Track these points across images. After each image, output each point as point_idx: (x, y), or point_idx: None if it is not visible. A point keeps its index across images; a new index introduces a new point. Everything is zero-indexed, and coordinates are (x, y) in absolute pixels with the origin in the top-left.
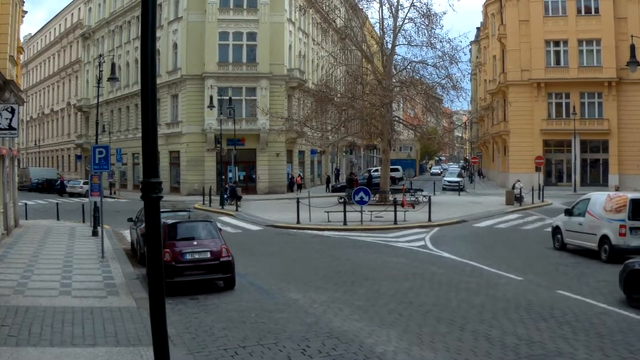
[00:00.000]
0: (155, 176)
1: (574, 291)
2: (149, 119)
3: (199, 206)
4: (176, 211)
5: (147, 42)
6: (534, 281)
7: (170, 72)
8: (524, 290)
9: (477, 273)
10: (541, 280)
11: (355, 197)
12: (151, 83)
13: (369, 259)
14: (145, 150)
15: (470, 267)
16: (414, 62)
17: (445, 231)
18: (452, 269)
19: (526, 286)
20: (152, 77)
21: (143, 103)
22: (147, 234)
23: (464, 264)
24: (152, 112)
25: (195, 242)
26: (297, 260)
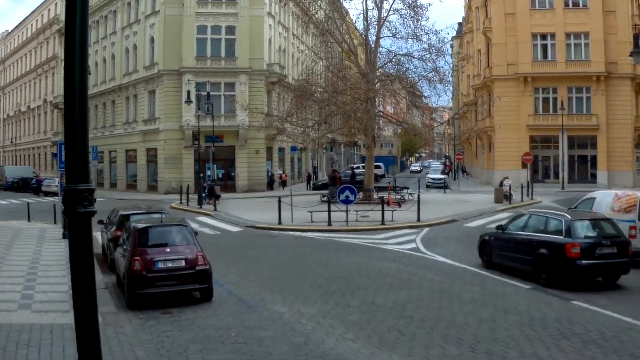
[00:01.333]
0: (83, 181)
1: (590, 302)
2: (75, 92)
3: (176, 205)
4: (150, 213)
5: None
6: (542, 289)
7: (148, 67)
8: (536, 301)
9: (479, 280)
10: (550, 288)
11: (341, 195)
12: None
13: (359, 264)
14: (69, 144)
15: (470, 272)
16: (399, 55)
17: (436, 232)
18: (450, 275)
19: (536, 296)
20: (82, 49)
21: (66, 66)
22: (72, 263)
23: (463, 270)
24: (80, 84)
25: (168, 248)
26: (281, 266)
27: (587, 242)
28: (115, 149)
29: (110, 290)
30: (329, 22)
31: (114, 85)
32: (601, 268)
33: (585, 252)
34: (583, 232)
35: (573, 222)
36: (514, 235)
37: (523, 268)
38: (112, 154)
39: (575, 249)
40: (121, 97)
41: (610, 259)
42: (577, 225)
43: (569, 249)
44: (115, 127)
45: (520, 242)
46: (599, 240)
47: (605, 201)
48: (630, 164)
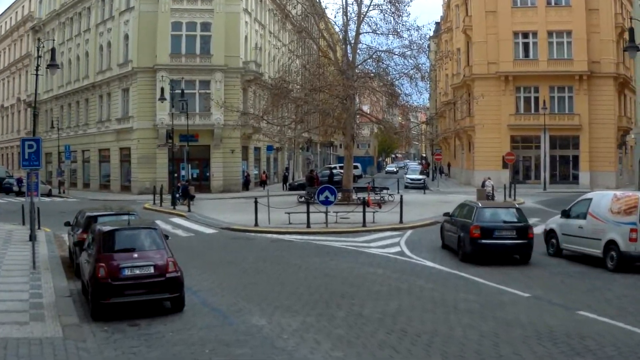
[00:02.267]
0: None
1: (597, 312)
2: None
3: (149, 206)
4: (119, 214)
5: None
6: (543, 298)
7: (122, 65)
8: (538, 312)
9: (474, 288)
10: (551, 296)
11: (320, 196)
12: None
13: (342, 270)
14: None
15: (463, 279)
16: (379, 51)
17: (420, 234)
18: (442, 282)
19: (537, 305)
20: None
21: None
22: None
23: (454, 276)
24: None
25: (135, 254)
26: (258, 272)
27: (487, 225)
28: (88, 148)
29: (75, 298)
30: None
31: (88, 83)
32: (499, 247)
33: (484, 233)
34: (486, 218)
35: (480, 209)
36: (454, 220)
37: (455, 247)
38: (86, 153)
39: (477, 231)
40: (95, 95)
41: (507, 240)
42: (483, 212)
43: (472, 230)
44: (88, 126)
45: (455, 226)
46: (499, 224)
47: (604, 202)
48: (613, 164)
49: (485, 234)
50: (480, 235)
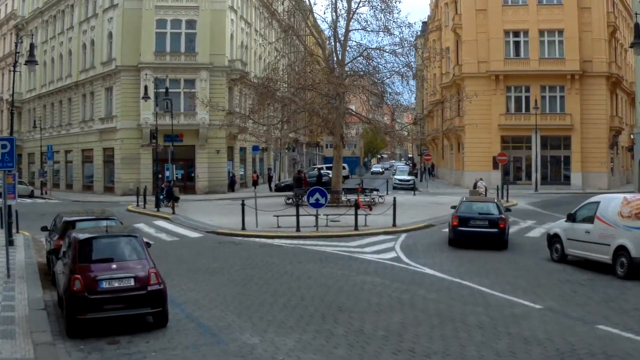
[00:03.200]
0: None
1: (618, 326)
2: None
3: (133, 208)
4: (100, 219)
5: None
6: (557, 310)
7: (105, 63)
8: (555, 326)
9: (481, 299)
10: (565, 308)
11: (310, 198)
12: None
13: (336, 278)
14: None
15: (467, 289)
16: (370, 49)
17: (415, 238)
18: (445, 292)
19: (553, 318)
20: None
21: None
22: None
23: (458, 285)
24: None
25: (114, 264)
26: (248, 281)
27: (464, 215)
28: (71, 148)
29: (50, 311)
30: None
31: (71, 82)
32: (472, 234)
33: (461, 222)
34: (465, 209)
35: (462, 202)
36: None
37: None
38: (69, 153)
39: (455, 220)
40: (78, 94)
41: (480, 229)
42: (463, 204)
43: (453, 219)
44: (71, 126)
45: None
46: (474, 215)
47: (612, 206)
48: (605, 165)
49: (462, 222)
50: (458, 224)
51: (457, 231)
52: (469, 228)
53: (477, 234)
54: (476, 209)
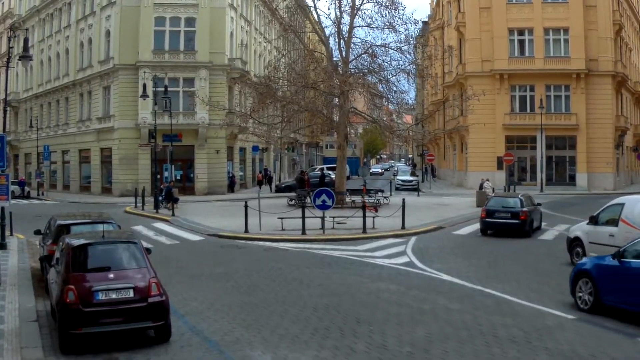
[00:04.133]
0: None
1: None
2: None
3: (131, 210)
4: (97, 222)
5: None
6: (592, 321)
7: (103, 61)
8: (594, 339)
9: (508, 308)
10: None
11: (317, 200)
12: None
13: (349, 286)
14: None
15: (491, 297)
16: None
17: (425, 241)
18: (467, 300)
19: (590, 331)
20: None
21: None
22: None
23: (480, 293)
24: None
25: (111, 273)
26: (254, 288)
27: (490, 208)
28: (68, 148)
29: (43, 322)
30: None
31: (68, 81)
32: (496, 224)
33: (488, 214)
34: (493, 203)
35: (490, 198)
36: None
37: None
38: (65, 154)
39: (484, 212)
40: (75, 94)
41: (502, 220)
42: (492, 199)
43: (482, 212)
44: (68, 126)
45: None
46: (498, 208)
47: (638, 208)
48: (610, 165)
49: (489, 215)
50: (486, 216)
51: (485, 222)
52: (494, 219)
53: (501, 225)
54: (502, 203)
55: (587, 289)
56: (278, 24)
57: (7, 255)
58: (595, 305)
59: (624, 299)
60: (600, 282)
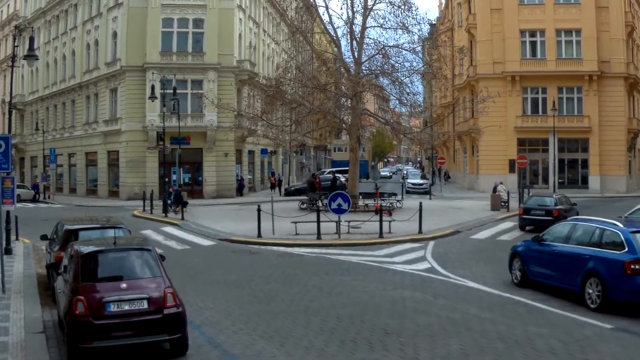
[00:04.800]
0: None
1: None
2: None
3: (139, 213)
4: (106, 227)
5: None
6: (631, 330)
7: (109, 63)
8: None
9: (541, 317)
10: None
11: (332, 204)
12: None
13: (372, 294)
14: None
15: (522, 305)
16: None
17: (444, 246)
18: (499, 310)
19: (632, 341)
20: None
21: None
22: None
23: (510, 301)
24: None
25: (124, 283)
26: (272, 296)
27: (527, 206)
28: (74, 151)
29: (50, 334)
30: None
31: (74, 83)
32: (533, 221)
33: (525, 212)
34: (530, 202)
35: (529, 197)
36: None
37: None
38: (72, 157)
39: (521, 210)
40: (81, 96)
41: (538, 217)
42: (531, 198)
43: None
44: (75, 128)
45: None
46: (534, 206)
47: None
48: (623, 168)
49: (525, 212)
50: (523, 213)
51: (522, 218)
52: (530, 216)
53: (535, 221)
54: (538, 202)
55: (517, 267)
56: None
57: (12, 260)
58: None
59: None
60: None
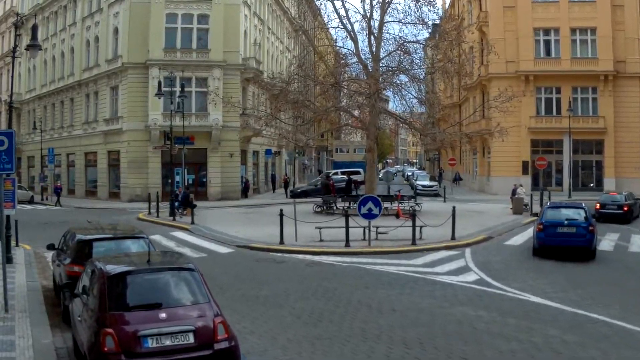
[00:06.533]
0: None
1: None
2: None
3: (144, 217)
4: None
5: None
6: None
7: (110, 60)
8: None
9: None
10: None
11: (362, 208)
12: None
13: (429, 312)
14: None
15: (605, 325)
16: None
17: (483, 254)
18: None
19: None
20: None
21: None
22: None
23: (587, 319)
24: None
25: (163, 312)
26: (318, 317)
27: (602, 202)
28: (73, 151)
29: None
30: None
31: (73, 81)
32: (607, 214)
33: (601, 206)
34: (603, 198)
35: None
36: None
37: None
38: (71, 157)
39: (598, 204)
40: (81, 94)
41: (611, 210)
42: (602, 196)
43: (596, 204)
44: (74, 128)
45: None
46: (608, 202)
47: None
48: (639, 170)
49: (602, 206)
50: (600, 207)
51: (599, 212)
52: (606, 210)
53: (610, 214)
54: (610, 198)
55: None
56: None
57: (14, 270)
58: None
59: None
60: None
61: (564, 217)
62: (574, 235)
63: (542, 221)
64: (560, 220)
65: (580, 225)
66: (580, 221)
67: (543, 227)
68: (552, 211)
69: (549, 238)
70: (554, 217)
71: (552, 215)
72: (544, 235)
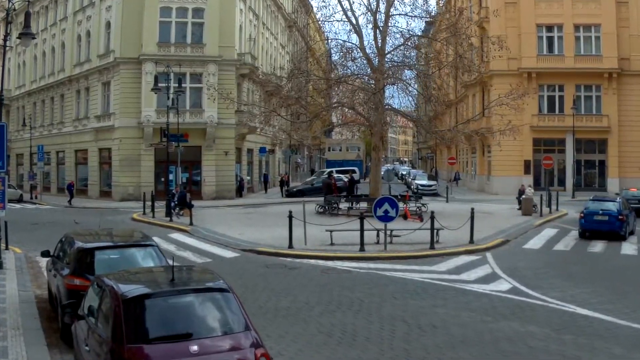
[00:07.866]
0: None
1: None
2: None
3: (139, 217)
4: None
5: None
6: None
7: (102, 55)
8: None
9: None
10: None
11: (377, 210)
12: None
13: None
14: None
15: None
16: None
17: (506, 259)
18: None
19: None
20: None
21: None
22: None
23: None
24: None
25: (194, 344)
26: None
27: (587, 211)
28: (63, 149)
29: None
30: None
31: (64, 77)
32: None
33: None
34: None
35: (588, 202)
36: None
37: None
38: (60, 154)
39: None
40: (71, 90)
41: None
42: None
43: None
44: (64, 125)
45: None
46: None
47: None
48: None
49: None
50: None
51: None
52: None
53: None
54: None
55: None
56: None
57: (4, 277)
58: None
59: None
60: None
61: (599, 208)
62: (606, 223)
63: (584, 211)
64: (597, 210)
65: (612, 214)
66: (612, 211)
67: (584, 215)
68: (592, 203)
69: (587, 224)
70: (592, 208)
71: (591, 206)
72: (584, 222)
